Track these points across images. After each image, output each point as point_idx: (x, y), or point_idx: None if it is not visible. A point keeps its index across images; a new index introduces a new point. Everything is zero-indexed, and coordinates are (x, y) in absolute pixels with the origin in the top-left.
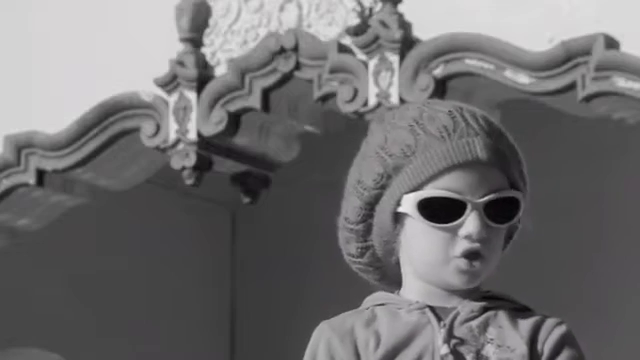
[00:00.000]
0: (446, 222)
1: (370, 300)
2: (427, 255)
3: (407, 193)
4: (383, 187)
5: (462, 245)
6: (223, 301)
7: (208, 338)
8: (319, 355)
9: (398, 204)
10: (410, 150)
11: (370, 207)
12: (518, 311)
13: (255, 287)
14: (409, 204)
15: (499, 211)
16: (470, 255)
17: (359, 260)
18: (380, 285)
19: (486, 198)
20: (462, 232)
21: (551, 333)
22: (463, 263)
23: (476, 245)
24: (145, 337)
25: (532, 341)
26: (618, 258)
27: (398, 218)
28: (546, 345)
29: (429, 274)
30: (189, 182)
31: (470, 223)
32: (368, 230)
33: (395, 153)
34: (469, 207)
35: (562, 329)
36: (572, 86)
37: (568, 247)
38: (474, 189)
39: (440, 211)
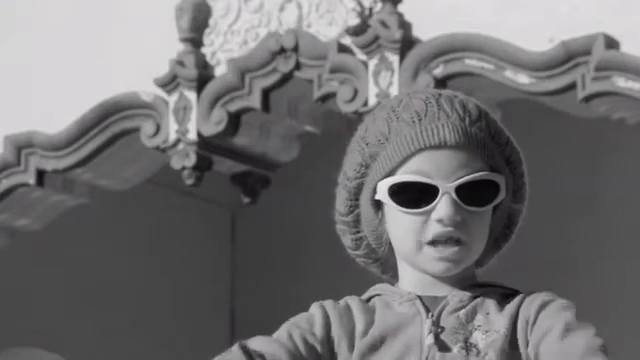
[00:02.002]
0: (418, 207)
1: (370, 291)
2: (403, 241)
3: (381, 180)
4: (363, 176)
5: (434, 229)
6: (223, 301)
7: (208, 338)
8: (315, 319)
9: (375, 192)
10: (384, 137)
11: (355, 197)
12: (508, 296)
13: (255, 287)
14: (382, 190)
15: (476, 194)
16: (444, 239)
17: (357, 252)
18: (385, 279)
19: (458, 181)
20: (434, 216)
21: (534, 300)
22: (432, 251)
23: (448, 229)
24: (145, 337)
25: (516, 317)
26: (617, 258)
27: (379, 206)
28: (531, 311)
29: (410, 261)
30: (189, 182)
31: (441, 207)
32: (357, 221)
33: (371, 142)
34: (440, 191)
35: (548, 295)
36: (572, 86)
37: (567, 247)
38: (446, 173)
39: (412, 196)
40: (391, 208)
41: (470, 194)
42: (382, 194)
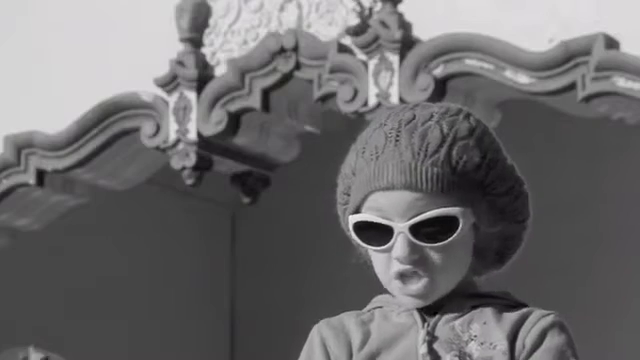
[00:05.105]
0: (379, 245)
1: (372, 303)
2: (377, 272)
3: (350, 214)
4: (346, 203)
5: (395, 266)
6: (223, 301)
7: (208, 339)
8: (315, 351)
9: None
10: (352, 172)
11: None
12: (510, 307)
13: (255, 287)
14: (351, 226)
15: (434, 229)
16: (405, 276)
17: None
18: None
19: (411, 222)
20: (393, 254)
21: (534, 325)
22: (396, 285)
23: (407, 267)
24: (145, 337)
25: (514, 335)
26: (618, 258)
27: None
28: (528, 338)
29: (388, 289)
30: (189, 182)
31: (397, 247)
32: None
33: (346, 173)
34: (395, 231)
35: (547, 320)
36: (572, 86)
37: (568, 247)
38: (401, 211)
39: (373, 234)
40: None
41: (427, 230)
42: (352, 229)
